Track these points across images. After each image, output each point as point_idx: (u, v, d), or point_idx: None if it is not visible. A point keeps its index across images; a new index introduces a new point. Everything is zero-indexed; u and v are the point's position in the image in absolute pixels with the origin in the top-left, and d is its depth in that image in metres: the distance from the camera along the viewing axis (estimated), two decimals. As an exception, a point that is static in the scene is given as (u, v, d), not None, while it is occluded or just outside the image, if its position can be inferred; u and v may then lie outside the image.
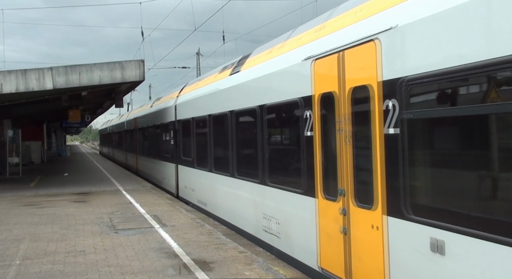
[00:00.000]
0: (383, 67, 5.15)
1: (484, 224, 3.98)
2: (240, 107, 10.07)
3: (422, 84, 4.68)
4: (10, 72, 16.78)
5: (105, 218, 12.30)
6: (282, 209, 8.16)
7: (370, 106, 5.35)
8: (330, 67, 6.30)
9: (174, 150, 16.92)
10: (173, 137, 16.92)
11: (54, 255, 8.68)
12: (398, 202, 4.93)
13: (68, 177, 25.15)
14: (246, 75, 9.92)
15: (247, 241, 9.46)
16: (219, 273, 7.30)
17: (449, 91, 4.53)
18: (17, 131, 27.54)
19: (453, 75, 4.27)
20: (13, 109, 24.72)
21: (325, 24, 7.01)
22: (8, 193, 18.36)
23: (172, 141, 17.08)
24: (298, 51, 7.54)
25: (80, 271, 7.59)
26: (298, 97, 7.28)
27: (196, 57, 55.31)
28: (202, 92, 13.27)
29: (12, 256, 8.66)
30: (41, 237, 10.23)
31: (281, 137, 8.86)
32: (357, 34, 5.72)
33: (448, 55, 4.32)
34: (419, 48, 4.68)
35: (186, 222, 11.57)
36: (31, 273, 7.54)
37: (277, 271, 7.29)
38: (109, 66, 17.63)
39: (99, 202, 15.29)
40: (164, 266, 7.76)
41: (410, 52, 4.81)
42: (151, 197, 16.35)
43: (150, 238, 9.84)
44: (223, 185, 11.43)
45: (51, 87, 16.96)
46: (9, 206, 14.91)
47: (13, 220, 12.44)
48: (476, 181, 4.23)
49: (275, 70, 8.34)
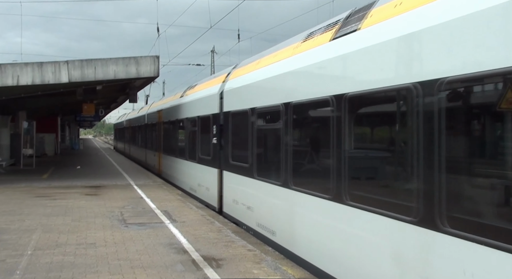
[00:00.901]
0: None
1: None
2: (364, 87, 6.15)
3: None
4: (26, 65, 16.96)
5: (116, 212, 12.40)
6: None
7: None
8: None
9: (217, 151, 13.45)
10: (216, 134, 13.49)
11: (65, 246, 8.77)
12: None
13: (80, 170, 25.36)
14: (379, 32, 6.01)
15: (256, 239, 9.49)
16: (227, 270, 7.34)
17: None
18: (32, 123, 27.82)
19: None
20: (29, 101, 25.00)
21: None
22: (22, 184, 18.56)
23: (215, 139, 13.60)
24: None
25: (90, 263, 7.67)
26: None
27: (211, 55, 55.42)
28: (273, 71, 9.45)
29: (24, 246, 8.77)
30: (52, 229, 10.34)
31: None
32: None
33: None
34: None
35: (196, 218, 11.63)
36: (42, 264, 7.64)
37: (285, 271, 7.30)
38: (124, 61, 17.74)
39: (110, 196, 15.41)
40: (173, 262, 7.81)
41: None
42: (162, 192, 16.44)
43: (160, 233, 9.90)
44: (314, 211, 7.56)
45: (67, 80, 17.12)
46: (22, 197, 15.09)
47: (25, 210, 12.58)
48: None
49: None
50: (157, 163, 24.70)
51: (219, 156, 13.19)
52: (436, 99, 4.83)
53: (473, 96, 4.77)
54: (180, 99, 19.36)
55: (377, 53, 5.86)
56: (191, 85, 19.41)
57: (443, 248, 4.73)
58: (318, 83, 7.48)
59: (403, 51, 5.45)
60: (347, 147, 6.59)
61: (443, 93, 4.77)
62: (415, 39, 5.27)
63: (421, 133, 5.01)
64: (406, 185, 5.40)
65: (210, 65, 54.85)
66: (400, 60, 5.49)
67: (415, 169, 5.08)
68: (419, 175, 5.02)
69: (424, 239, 4.96)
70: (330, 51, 7.16)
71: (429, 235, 4.86)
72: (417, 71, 5.17)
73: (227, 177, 12.43)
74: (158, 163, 24.24)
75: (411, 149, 5.19)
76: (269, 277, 7.03)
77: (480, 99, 4.73)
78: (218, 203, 13.33)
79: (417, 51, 5.26)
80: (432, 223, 4.84)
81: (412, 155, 5.15)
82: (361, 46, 6.25)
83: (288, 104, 8.44)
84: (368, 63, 6.07)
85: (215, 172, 13.56)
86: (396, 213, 5.38)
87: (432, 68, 4.93)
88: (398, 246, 5.41)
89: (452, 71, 4.65)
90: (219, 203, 13.24)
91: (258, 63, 10.78)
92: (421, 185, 5.00)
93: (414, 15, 5.39)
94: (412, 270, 5.18)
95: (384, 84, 5.67)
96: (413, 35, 5.28)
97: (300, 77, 8.15)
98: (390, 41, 5.63)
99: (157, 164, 24.71)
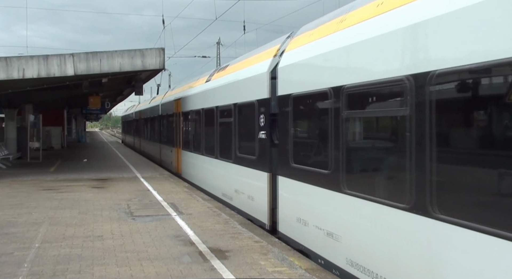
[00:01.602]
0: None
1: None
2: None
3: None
4: (32, 58, 16.96)
5: (123, 205, 12.42)
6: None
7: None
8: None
9: (266, 150, 10.14)
10: (265, 127, 10.13)
11: (72, 239, 8.80)
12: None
13: (87, 163, 25.43)
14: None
15: (263, 231, 9.48)
16: (234, 261, 7.33)
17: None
18: (38, 116, 27.88)
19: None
20: (35, 95, 25.05)
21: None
22: (29, 177, 18.64)
23: (263, 134, 10.23)
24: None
25: (98, 256, 7.68)
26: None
27: (217, 47, 55.34)
28: (390, 22, 5.93)
29: (32, 239, 8.80)
30: (60, 221, 10.37)
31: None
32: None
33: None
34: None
35: (202, 210, 11.63)
36: (49, 256, 7.66)
37: (292, 262, 7.29)
38: (130, 53, 17.71)
39: (117, 189, 15.44)
40: (180, 253, 7.81)
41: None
42: (169, 185, 16.45)
43: (166, 226, 9.91)
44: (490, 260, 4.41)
45: (72, 73, 17.11)
46: (29, 190, 15.14)
47: (33, 203, 12.63)
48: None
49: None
50: (175, 161, 21.04)
51: (270, 156, 9.98)
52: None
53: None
54: (206, 84, 15.85)
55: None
56: (220, 67, 16.11)
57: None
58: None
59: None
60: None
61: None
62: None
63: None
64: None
65: (216, 57, 54.79)
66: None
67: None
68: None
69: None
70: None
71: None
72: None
73: (286, 185, 9.02)
74: (177, 160, 20.49)
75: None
76: (276, 268, 7.01)
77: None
78: (268, 219, 10.12)
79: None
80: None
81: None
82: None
83: (429, 74, 5.05)
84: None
85: (263, 176, 10.22)
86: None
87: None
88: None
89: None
90: (271, 219, 10.06)
91: (342, 22, 7.32)
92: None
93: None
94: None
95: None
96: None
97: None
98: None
99: (175, 161, 21.04)
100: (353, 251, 6.58)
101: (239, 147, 12.00)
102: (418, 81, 5.21)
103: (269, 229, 9.94)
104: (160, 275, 6.74)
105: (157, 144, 26.81)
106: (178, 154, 20.22)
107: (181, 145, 19.63)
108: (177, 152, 20.45)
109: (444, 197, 4.95)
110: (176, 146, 20.56)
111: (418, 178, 5.21)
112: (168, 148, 22.73)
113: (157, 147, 26.81)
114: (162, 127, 25.05)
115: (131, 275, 6.73)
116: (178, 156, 20.20)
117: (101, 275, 6.73)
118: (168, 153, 22.78)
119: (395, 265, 5.64)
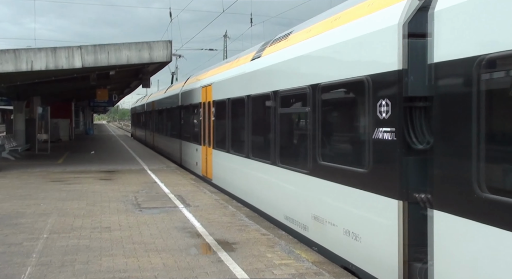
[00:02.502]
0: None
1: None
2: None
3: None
4: (40, 50, 17.01)
5: (130, 196, 12.48)
6: None
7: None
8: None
9: (396, 159, 5.97)
10: (389, 121, 6.09)
11: (80, 230, 8.86)
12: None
13: (94, 155, 25.55)
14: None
15: (270, 224, 9.49)
16: (241, 253, 7.36)
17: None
18: (46, 109, 27.99)
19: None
20: (43, 87, 25.15)
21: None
22: (37, 168, 18.75)
23: (386, 133, 6.15)
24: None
25: (105, 247, 7.73)
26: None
27: (223, 40, 55.25)
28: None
29: (40, 229, 8.87)
30: (68, 213, 10.43)
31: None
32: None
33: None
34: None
35: (209, 202, 11.66)
36: (58, 247, 7.72)
37: (299, 255, 7.31)
38: (137, 46, 17.72)
39: (124, 181, 15.51)
40: (187, 245, 7.84)
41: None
42: (176, 177, 16.50)
43: (174, 218, 9.95)
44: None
45: (80, 65, 17.16)
46: (37, 182, 15.24)
47: (41, 195, 12.71)
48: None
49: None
50: (202, 162, 16.70)
51: (404, 170, 5.85)
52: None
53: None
54: (253, 63, 11.53)
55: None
56: (275, 38, 11.09)
57: None
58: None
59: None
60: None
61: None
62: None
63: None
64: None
65: (223, 50, 54.73)
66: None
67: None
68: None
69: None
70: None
71: None
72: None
73: (468, 232, 4.77)
74: (205, 162, 16.25)
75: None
76: (282, 260, 7.03)
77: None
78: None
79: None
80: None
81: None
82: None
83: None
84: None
85: (387, 205, 6.05)
86: None
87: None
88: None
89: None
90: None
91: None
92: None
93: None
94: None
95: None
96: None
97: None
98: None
99: (202, 163, 16.69)
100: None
101: (323, 151, 7.86)
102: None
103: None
104: (167, 266, 6.78)
105: (176, 140, 22.72)
106: (206, 154, 16.09)
107: (211, 143, 15.34)
108: (205, 152, 16.30)
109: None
110: (204, 144, 16.40)
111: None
112: (193, 146, 18.43)
113: (176, 144, 22.64)
114: (183, 120, 20.93)
115: (139, 266, 6.77)
116: (206, 156, 16.13)
117: (109, 266, 6.78)
118: (193, 152, 18.39)
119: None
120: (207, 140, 16.01)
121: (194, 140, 18.27)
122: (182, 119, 21.00)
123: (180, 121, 21.55)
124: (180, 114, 21.50)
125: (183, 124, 20.97)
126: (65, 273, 6.48)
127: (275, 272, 6.54)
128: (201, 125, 16.87)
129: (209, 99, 15.71)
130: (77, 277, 6.31)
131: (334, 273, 6.49)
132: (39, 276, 6.33)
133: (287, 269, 6.66)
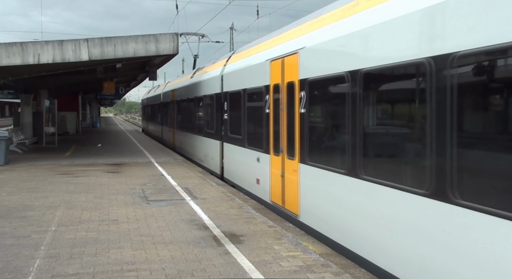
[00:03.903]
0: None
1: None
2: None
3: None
4: (47, 43, 17.03)
5: (138, 189, 12.51)
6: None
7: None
8: None
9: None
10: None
11: (88, 223, 8.89)
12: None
13: (101, 148, 25.63)
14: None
15: (277, 216, 9.50)
16: (248, 246, 7.36)
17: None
18: (53, 101, 28.08)
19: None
20: (50, 80, 25.22)
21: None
22: (45, 161, 18.83)
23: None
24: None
25: (113, 239, 7.76)
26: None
27: (230, 32, 55.07)
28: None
29: (48, 222, 8.92)
30: (75, 205, 10.48)
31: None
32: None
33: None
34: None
35: (216, 195, 11.68)
36: (66, 239, 7.75)
37: (306, 247, 7.30)
38: (144, 38, 17.71)
39: (131, 173, 15.55)
40: (195, 238, 7.86)
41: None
42: (183, 170, 16.53)
43: (181, 210, 9.97)
44: None
45: (87, 58, 17.17)
46: (45, 174, 15.31)
47: (49, 187, 12.77)
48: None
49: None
50: (273, 181, 10.29)
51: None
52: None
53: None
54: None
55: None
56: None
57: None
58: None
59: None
60: None
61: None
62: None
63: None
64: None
65: (229, 42, 54.58)
66: None
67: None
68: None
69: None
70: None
71: None
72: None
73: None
74: (280, 182, 9.83)
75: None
76: (290, 253, 7.04)
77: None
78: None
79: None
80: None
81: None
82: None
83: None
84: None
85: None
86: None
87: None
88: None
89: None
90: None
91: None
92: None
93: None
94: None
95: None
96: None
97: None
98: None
99: (273, 182, 10.29)
100: None
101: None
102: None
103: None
104: (175, 258, 6.80)
105: (212, 142, 16.28)
106: (283, 170, 9.66)
107: (296, 152, 8.88)
108: (279, 166, 9.88)
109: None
110: (276, 152, 9.99)
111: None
112: (249, 152, 12.01)
113: (213, 147, 16.13)
114: (227, 114, 14.35)
115: (146, 259, 6.79)
116: (283, 173, 9.65)
117: (117, 258, 6.80)
118: (249, 162, 11.99)
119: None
120: (284, 147, 9.59)
121: (250, 144, 12.00)
122: (226, 113, 14.45)
123: (221, 116, 15.01)
124: (221, 105, 14.92)
125: (225, 120, 14.48)
126: (74, 265, 6.51)
127: (282, 264, 6.54)
128: (264, 122, 10.77)
129: (291, 78, 9.19)
130: (86, 269, 6.34)
131: (341, 265, 6.49)
132: (47, 269, 6.37)
133: (294, 261, 6.66)
